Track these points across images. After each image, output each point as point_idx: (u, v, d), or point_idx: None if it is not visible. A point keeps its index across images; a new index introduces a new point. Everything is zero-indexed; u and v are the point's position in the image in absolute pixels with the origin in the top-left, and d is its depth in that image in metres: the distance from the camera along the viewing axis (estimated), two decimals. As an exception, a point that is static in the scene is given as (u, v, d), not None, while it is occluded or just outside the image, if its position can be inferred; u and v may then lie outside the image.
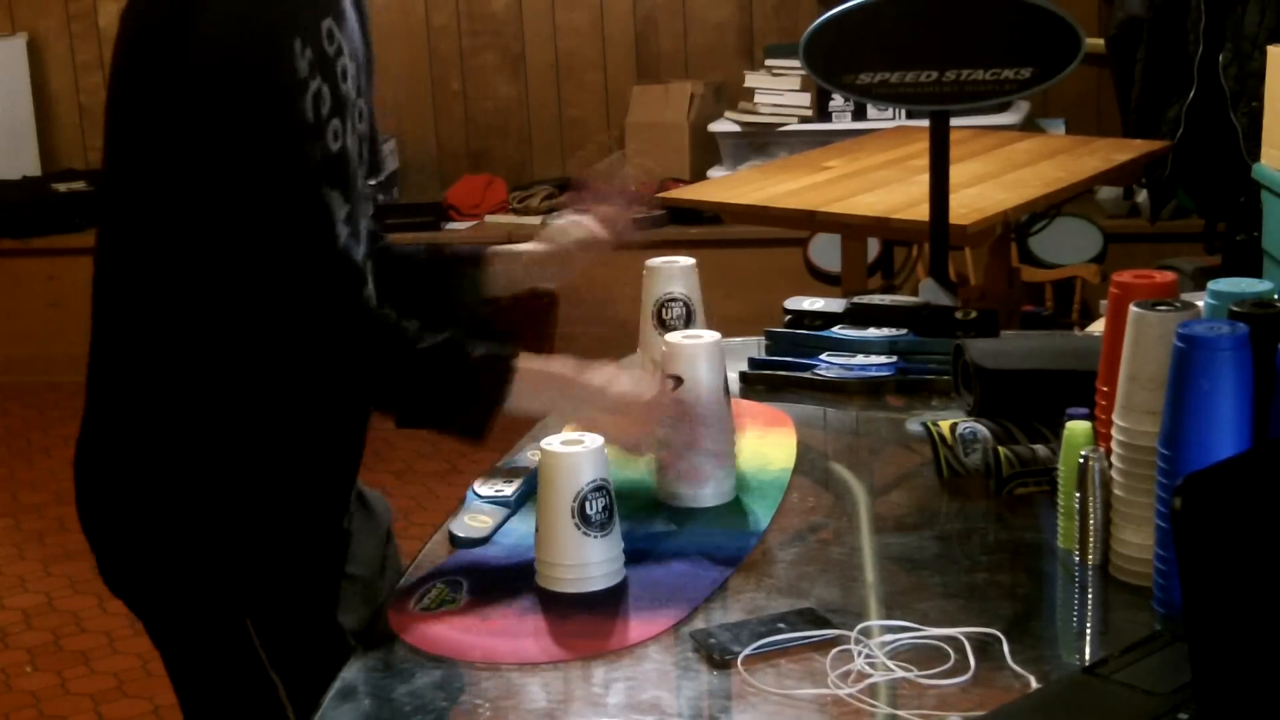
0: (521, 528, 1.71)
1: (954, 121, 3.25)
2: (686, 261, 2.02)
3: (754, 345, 2.30)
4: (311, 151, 1.59)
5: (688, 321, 1.99)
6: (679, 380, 1.75)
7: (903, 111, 5.03)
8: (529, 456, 1.88)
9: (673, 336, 1.80)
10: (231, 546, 1.69)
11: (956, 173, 3.31)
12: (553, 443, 1.58)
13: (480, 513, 1.75)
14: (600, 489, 1.56)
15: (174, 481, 1.68)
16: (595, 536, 1.55)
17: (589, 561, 1.55)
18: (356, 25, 1.73)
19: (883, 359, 2.16)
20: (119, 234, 1.67)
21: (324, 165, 1.61)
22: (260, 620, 1.69)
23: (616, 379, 1.69)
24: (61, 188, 5.97)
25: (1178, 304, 1.51)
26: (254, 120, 1.55)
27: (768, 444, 1.94)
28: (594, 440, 1.58)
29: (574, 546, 1.55)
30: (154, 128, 1.59)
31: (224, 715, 1.75)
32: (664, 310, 1.99)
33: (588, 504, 1.54)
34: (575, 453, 1.56)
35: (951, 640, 1.41)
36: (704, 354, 1.76)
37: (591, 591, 1.55)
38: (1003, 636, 1.41)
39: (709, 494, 1.76)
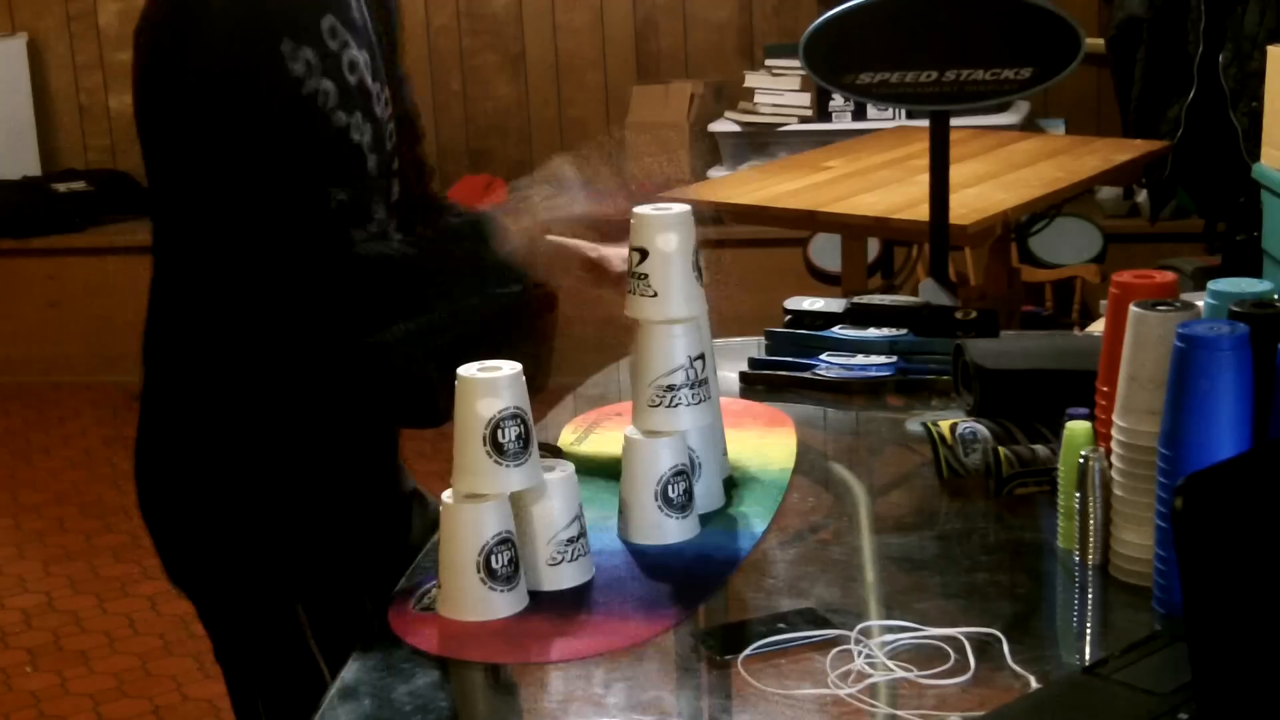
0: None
1: (954, 121, 3.25)
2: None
3: (754, 345, 2.30)
4: (305, 146, 1.64)
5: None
6: (644, 253, 1.65)
7: (903, 111, 5.03)
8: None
9: (641, 208, 1.68)
10: (283, 533, 1.75)
11: (956, 173, 3.31)
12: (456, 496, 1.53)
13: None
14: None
15: (228, 470, 1.74)
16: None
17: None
18: (365, 10, 1.76)
19: (883, 359, 2.16)
20: (161, 228, 1.76)
21: (322, 159, 1.66)
22: (310, 605, 1.74)
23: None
24: (61, 188, 5.98)
25: (1178, 304, 1.51)
26: (246, 121, 1.61)
27: (768, 444, 1.94)
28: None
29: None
30: (164, 129, 1.67)
31: (271, 699, 1.79)
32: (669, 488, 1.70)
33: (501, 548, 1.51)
34: (479, 508, 1.50)
35: (951, 640, 1.41)
36: (674, 224, 1.64)
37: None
38: (1003, 636, 1.41)
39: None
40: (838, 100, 5.31)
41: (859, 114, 5.35)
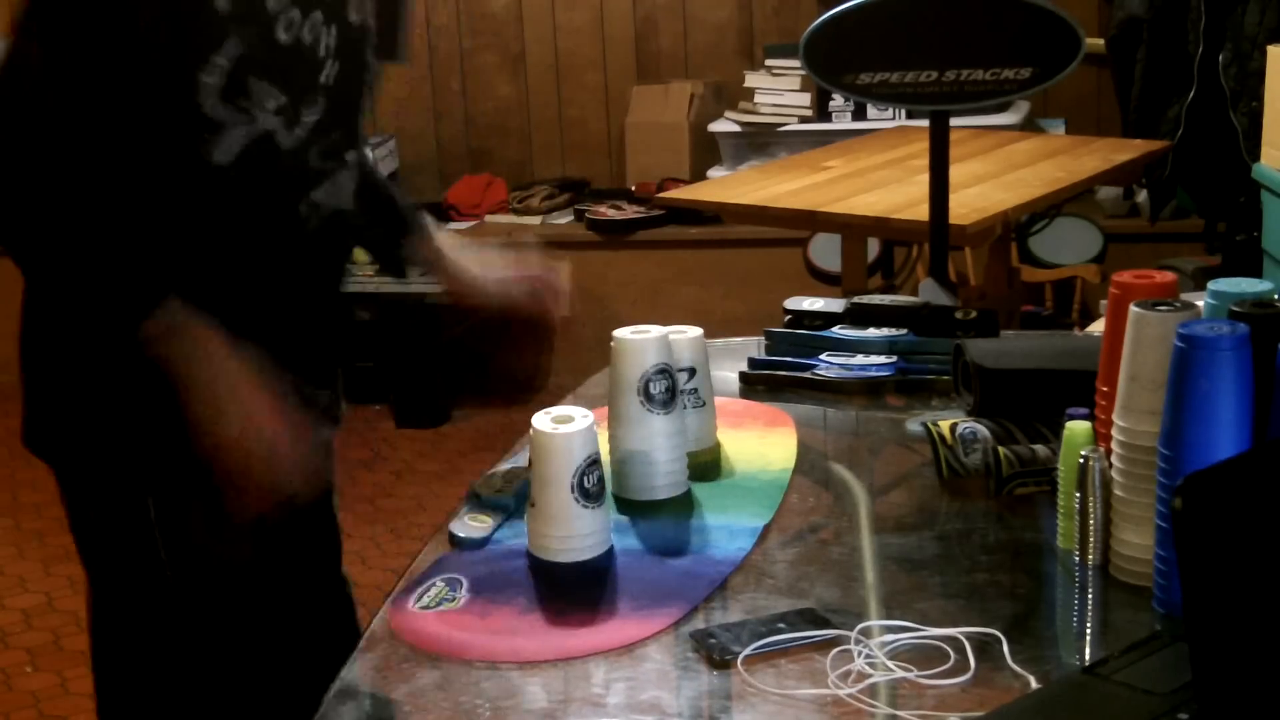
0: (522, 527, 1.71)
1: (954, 121, 3.25)
2: (658, 332, 1.79)
3: (754, 345, 2.30)
4: (228, 40, 1.63)
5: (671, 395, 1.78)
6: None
7: (903, 111, 5.04)
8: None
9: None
10: (146, 426, 1.75)
11: (956, 173, 3.31)
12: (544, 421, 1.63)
13: (480, 513, 1.76)
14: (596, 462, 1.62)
15: (102, 358, 1.74)
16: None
17: (583, 532, 1.61)
18: None
19: (883, 359, 2.16)
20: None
21: (260, 53, 1.66)
22: (160, 501, 1.76)
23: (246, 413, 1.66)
24: (61, 188, 5.96)
25: (1178, 304, 1.51)
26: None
27: (768, 444, 1.94)
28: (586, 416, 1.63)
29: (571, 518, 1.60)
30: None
31: (114, 579, 1.86)
32: (650, 386, 1.77)
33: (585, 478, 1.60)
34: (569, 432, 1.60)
35: (951, 640, 1.41)
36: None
37: (588, 577, 1.59)
38: (1003, 636, 1.41)
39: (664, 486, 1.78)
40: (838, 100, 5.32)
41: (859, 114, 5.35)
